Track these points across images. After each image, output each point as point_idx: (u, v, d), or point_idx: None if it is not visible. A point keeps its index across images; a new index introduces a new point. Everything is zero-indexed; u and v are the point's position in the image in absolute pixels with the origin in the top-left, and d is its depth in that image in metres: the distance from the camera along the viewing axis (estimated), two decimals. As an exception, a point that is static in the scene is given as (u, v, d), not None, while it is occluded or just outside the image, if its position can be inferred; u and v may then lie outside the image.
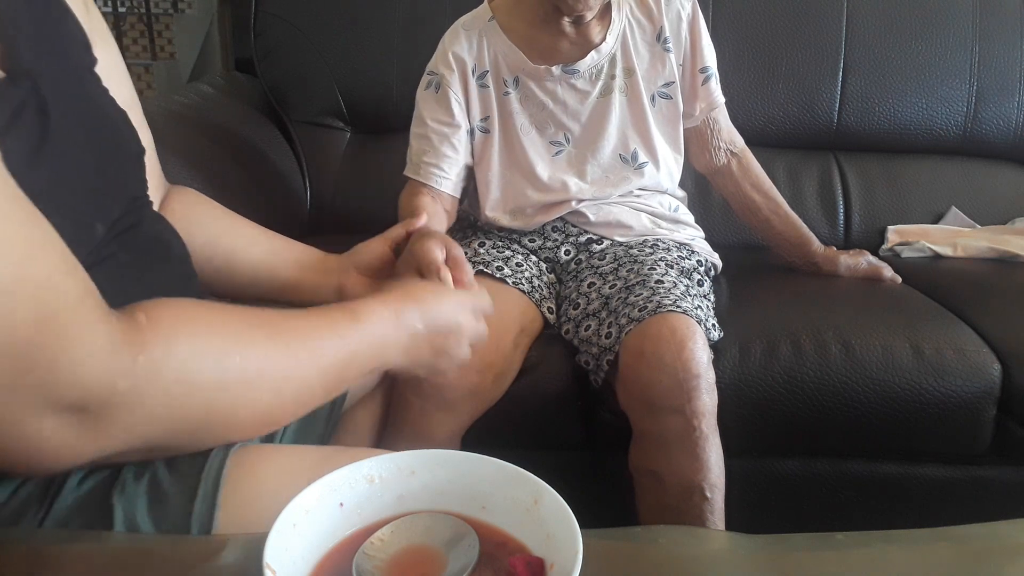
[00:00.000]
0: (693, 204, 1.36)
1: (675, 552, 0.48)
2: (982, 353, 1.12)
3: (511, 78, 1.19)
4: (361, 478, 0.43)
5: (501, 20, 1.19)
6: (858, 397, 1.10)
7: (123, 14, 4.12)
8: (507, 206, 1.22)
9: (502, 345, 1.04)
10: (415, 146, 1.21)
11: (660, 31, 1.18)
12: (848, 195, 1.64)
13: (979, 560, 0.49)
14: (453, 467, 0.44)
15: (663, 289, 1.03)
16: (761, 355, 1.11)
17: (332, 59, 1.64)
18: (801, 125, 1.65)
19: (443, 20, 1.24)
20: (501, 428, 1.04)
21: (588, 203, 1.20)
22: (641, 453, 1.00)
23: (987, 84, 1.63)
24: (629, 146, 1.21)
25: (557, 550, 0.38)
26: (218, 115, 1.53)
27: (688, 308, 1.00)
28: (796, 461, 1.19)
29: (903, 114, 1.64)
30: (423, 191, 1.19)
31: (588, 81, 1.18)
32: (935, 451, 1.17)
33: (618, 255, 1.17)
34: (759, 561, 0.48)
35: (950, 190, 1.64)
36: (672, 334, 0.96)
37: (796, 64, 1.63)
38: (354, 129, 1.70)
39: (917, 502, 1.19)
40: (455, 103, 1.18)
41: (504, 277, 1.12)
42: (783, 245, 1.35)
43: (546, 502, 0.41)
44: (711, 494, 0.94)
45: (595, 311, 1.08)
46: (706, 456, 0.94)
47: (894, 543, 0.49)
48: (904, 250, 1.53)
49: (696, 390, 0.94)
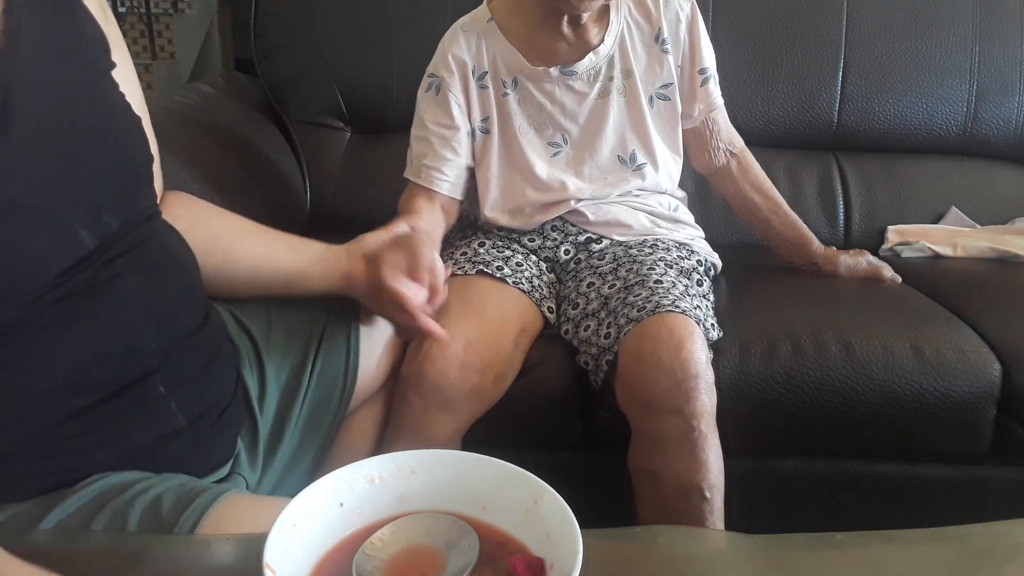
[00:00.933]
0: (693, 204, 1.36)
1: (675, 552, 0.48)
2: (982, 353, 1.12)
3: (510, 79, 1.18)
4: (361, 478, 0.43)
5: (500, 21, 1.18)
6: (858, 397, 1.10)
7: (123, 14, 4.12)
8: (506, 206, 1.22)
9: (502, 345, 1.04)
10: (415, 148, 1.21)
11: (658, 32, 1.18)
12: (848, 195, 1.64)
13: (979, 560, 0.49)
14: (453, 467, 0.44)
15: (662, 289, 1.03)
16: (761, 355, 1.11)
17: (332, 59, 1.64)
18: (801, 125, 1.65)
19: (443, 20, 1.24)
20: (501, 428, 1.04)
21: (587, 202, 1.20)
22: (640, 453, 0.99)
23: (987, 84, 1.63)
24: (627, 148, 1.21)
25: (557, 550, 0.38)
26: (218, 115, 1.53)
27: (687, 308, 1.00)
28: (796, 461, 1.19)
29: (903, 114, 1.64)
30: (422, 194, 1.19)
31: (586, 83, 1.18)
32: (935, 451, 1.17)
33: (617, 255, 1.17)
34: (759, 561, 0.48)
35: (950, 190, 1.64)
36: (670, 334, 0.96)
37: (796, 64, 1.63)
38: (354, 129, 1.70)
39: (917, 502, 1.19)
40: (455, 105, 1.18)
41: (504, 277, 1.12)
42: (783, 245, 1.35)
43: (546, 502, 0.41)
44: (710, 494, 0.94)
45: (594, 311, 1.08)
46: (705, 456, 0.94)
47: (894, 543, 0.49)
48: (904, 250, 1.53)
49: (695, 390, 0.94)
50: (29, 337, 0.57)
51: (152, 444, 0.65)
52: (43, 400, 0.59)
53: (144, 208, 0.68)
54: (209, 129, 1.44)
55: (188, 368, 0.69)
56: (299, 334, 0.88)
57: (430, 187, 1.18)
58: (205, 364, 0.71)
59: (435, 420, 0.99)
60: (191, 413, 0.68)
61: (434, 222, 1.15)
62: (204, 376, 0.71)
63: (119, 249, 0.63)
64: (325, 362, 0.88)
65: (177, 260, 0.72)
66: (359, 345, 0.91)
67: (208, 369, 0.71)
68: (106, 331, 0.61)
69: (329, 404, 0.87)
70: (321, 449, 0.87)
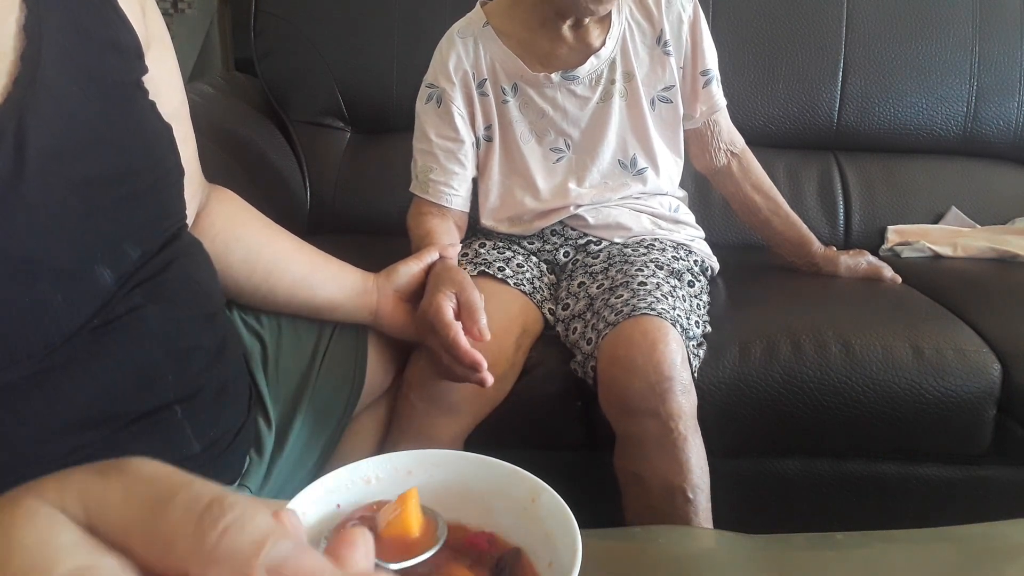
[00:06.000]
0: (693, 204, 1.36)
1: (675, 552, 0.48)
2: (982, 353, 1.12)
3: (509, 85, 1.17)
4: (359, 479, 0.43)
5: (496, 25, 1.16)
6: (858, 397, 1.10)
7: (123, 14, 4.12)
8: (506, 214, 1.21)
9: (504, 347, 1.03)
10: (420, 162, 1.19)
11: (660, 34, 1.17)
12: (848, 195, 1.64)
13: (979, 560, 0.49)
14: (450, 467, 0.44)
15: (643, 291, 1.02)
16: (761, 355, 1.11)
17: (332, 59, 1.64)
18: (801, 125, 1.65)
19: (443, 20, 1.23)
20: (501, 428, 1.04)
21: (587, 207, 1.19)
22: (623, 456, 0.99)
23: (987, 84, 1.63)
24: (628, 151, 1.20)
25: (556, 548, 0.38)
26: (218, 115, 1.53)
27: (663, 310, 0.99)
28: (796, 461, 1.19)
29: (903, 114, 1.64)
30: (432, 210, 1.17)
31: (588, 87, 1.17)
32: (935, 451, 1.17)
33: (612, 254, 1.16)
34: (759, 561, 0.48)
35: (950, 190, 1.64)
36: (643, 337, 0.95)
37: (796, 64, 1.63)
38: (354, 129, 1.70)
39: (917, 502, 1.19)
40: (458, 117, 1.16)
41: (506, 278, 1.11)
42: (783, 245, 1.35)
43: (543, 500, 0.40)
44: (693, 495, 0.93)
45: (580, 312, 1.08)
46: (685, 458, 0.93)
47: (894, 543, 0.49)
48: (904, 250, 1.53)
49: (669, 392, 0.93)
50: (40, 379, 0.54)
51: None
52: (54, 438, 0.56)
53: (167, 227, 0.65)
54: (209, 129, 1.43)
55: (205, 395, 0.67)
56: (308, 336, 0.88)
57: (440, 203, 1.17)
58: (221, 389, 0.69)
59: (438, 422, 0.99)
60: (206, 439, 0.66)
61: (449, 240, 1.14)
62: (219, 401, 0.69)
63: (138, 279, 0.60)
64: (333, 365, 0.88)
65: (198, 287, 0.69)
66: (367, 348, 0.91)
67: (224, 394, 0.70)
68: (122, 366, 0.59)
69: (336, 407, 0.87)
70: (326, 451, 0.87)
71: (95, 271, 0.56)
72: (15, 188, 0.51)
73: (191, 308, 0.67)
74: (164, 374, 0.62)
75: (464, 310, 0.91)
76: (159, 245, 0.63)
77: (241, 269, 0.81)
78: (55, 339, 0.54)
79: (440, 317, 0.89)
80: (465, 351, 0.87)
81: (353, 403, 0.89)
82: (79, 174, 0.56)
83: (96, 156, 0.57)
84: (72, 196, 0.55)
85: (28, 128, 0.52)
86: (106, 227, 0.57)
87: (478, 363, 0.88)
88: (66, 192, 0.55)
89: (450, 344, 0.88)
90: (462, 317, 0.90)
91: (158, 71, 0.66)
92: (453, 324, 0.88)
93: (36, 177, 0.52)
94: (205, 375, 0.67)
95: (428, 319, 0.90)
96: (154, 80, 0.65)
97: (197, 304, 0.68)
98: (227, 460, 0.71)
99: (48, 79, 0.54)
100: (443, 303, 0.90)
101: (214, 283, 0.73)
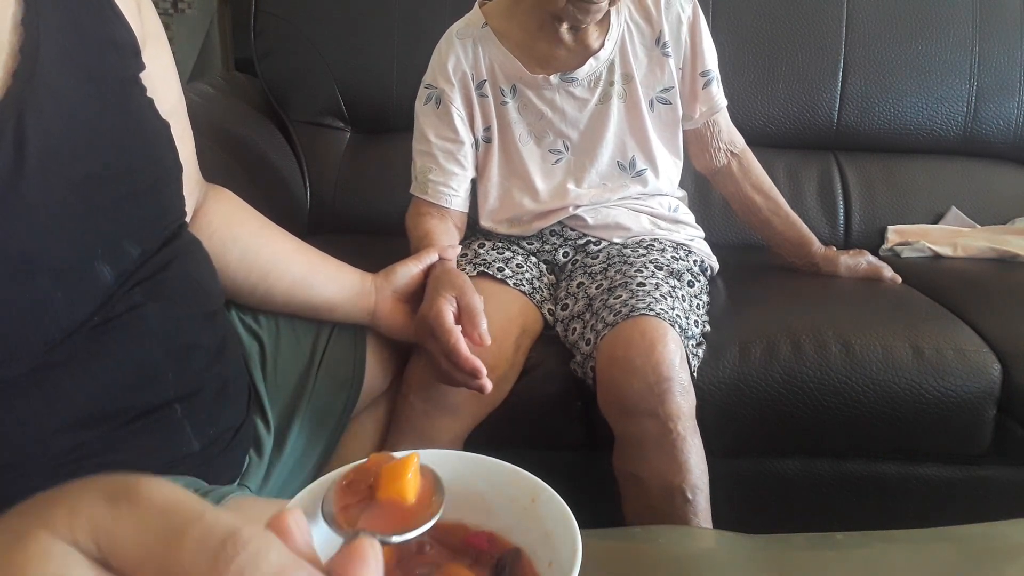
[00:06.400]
0: (693, 204, 1.36)
1: (675, 552, 0.48)
2: (982, 353, 1.12)
3: (508, 87, 1.16)
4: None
5: (495, 26, 1.16)
6: (858, 397, 1.10)
7: (123, 14, 4.12)
8: (505, 215, 1.21)
9: (504, 348, 1.03)
10: (419, 163, 1.19)
11: (659, 35, 1.16)
12: (848, 195, 1.64)
13: (979, 560, 0.49)
14: (449, 467, 0.44)
15: (642, 291, 1.02)
16: (761, 355, 1.11)
17: (332, 59, 1.64)
18: (801, 125, 1.65)
19: (443, 20, 1.23)
20: (501, 428, 1.04)
21: (586, 207, 1.19)
22: (622, 456, 0.99)
23: (987, 84, 1.63)
24: (627, 153, 1.19)
25: (556, 548, 0.38)
26: (218, 115, 1.53)
27: (662, 310, 0.99)
28: (796, 461, 1.19)
29: (903, 114, 1.64)
30: (431, 211, 1.17)
31: (587, 89, 1.16)
32: (935, 451, 1.17)
33: (611, 254, 1.16)
34: (759, 561, 0.48)
35: (950, 190, 1.64)
36: (642, 337, 0.95)
37: (796, 64, 1.63)
38: (354, 129, 1.70)
39: (917, 502, 1.19)
40: (457, 118, 1.16)
41: (505, 278, 1.11)
42: (783, 245, 1.34)
43: (543, 500, 0.40)
44: (692, 496, 0.93)
45: (579, 312, 1.08)
46: (684, 458, 0.93)
47: (894, 543, 0.49)
48: (904, 250, 1.53)
49: (668, 392, 0.93)
50: (40, 377, 0.54)
51: (161, 468, 0.63)
52: (53, 437, 0.55)
53: (167, 225, 0.65)
54: (209, 129, 1.43)
55: (205, 393, 0.67)
56: (306, 336, 0.88)
57: (439, 203, 1.17)
58: (221, 388, 0.69)
59: (438, 423, 0.99)
60: (205, 437, 0.66)
61: (448, 241, 1.14)
62: (219, 400, 0.69)
63: (139, 277, 0.60)
64: (331, 365, 0.88)
65: (198, 286, 0.69)
66: (365, 349, 0.91)
67: (223, 393, 0.70)
68: (122, 365, 0.59)
69: (335, 407, 0.87)
70: (326, 452, 0.87)
71: (95, 269, 0.56)
72: (15, 187, 0.51)
73: (191, 306, 0.67)
74: (164, 372, 0.62)
75: (464, 314, 0.91)
76: (159, 243, 0.63)
77: (238, 268, 0.81)
78: (55, 337, 0.54)
79: (440, 322, 0.88)
80: (465, 358, 0.87)
81: (352, 404, 0.88)
82: (79, 172, 0.56)
83: (96, 154, 0.57)
84: (72, 194, 0.55)
85: (28, 126, 0.52)
86: (106, 225, 0.58)
87: (477, 370, 0.88)
88: (66, 190, 0.55)
89: (450, 350, 0.88)
90: (462, 321, 0.90)
91: (154, 68, 0.66)
92: (454, 329, 0.88)
93: (36, 175, 0.52)
94: (205, 374, 0.67)
95: (428, 323, 0.90)
96: (151, 77, 0.65)
97: (197, 302, 0.68)
98: (226, 459, 0.71)
99: (47, 76, 0.54)
100: (443, 307, 0.90)
101: (214, 282, 0.73)
